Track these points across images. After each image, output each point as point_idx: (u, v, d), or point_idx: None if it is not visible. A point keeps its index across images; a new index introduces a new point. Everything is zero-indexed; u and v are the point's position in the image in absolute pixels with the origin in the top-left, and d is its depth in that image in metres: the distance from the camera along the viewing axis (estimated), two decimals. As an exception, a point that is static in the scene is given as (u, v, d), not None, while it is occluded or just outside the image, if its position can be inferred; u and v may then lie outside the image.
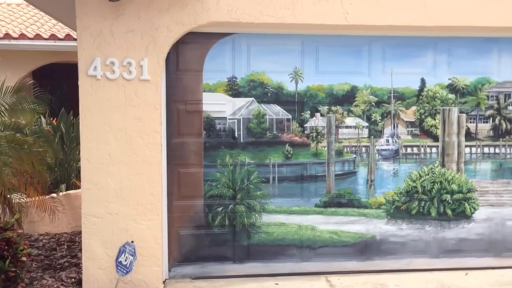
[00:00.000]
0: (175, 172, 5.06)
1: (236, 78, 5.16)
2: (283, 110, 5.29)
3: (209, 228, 5.16)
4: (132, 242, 4.64)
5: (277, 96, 5.25)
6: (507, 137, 5.53)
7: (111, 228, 4.75)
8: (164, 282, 4.97)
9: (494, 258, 5.45)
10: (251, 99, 5.22)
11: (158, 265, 4.82)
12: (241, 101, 5.22)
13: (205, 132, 5.14)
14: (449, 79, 5.41)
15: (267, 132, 5.27)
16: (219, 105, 5.16)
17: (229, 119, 5.22)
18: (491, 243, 5.46)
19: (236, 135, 5.23)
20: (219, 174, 5.17)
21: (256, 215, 5.22)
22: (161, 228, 4.85)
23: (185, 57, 5.00)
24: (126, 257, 4.54)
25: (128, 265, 4.53)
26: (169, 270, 5.08)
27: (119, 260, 4.53)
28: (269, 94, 5.24)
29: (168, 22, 4.72)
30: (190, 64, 5.03)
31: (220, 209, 5.16)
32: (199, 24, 4.75)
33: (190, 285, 4.96)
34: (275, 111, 5.29)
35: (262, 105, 5.24)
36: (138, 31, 4.68)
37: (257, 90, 5.22)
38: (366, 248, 5.36)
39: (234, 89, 5.17)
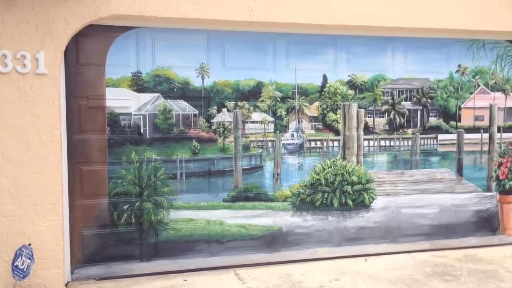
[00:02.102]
0: (77, 170, 4.86)
1: (141, 73, 5.05)
2: (190, 106, 5.27)
3: (115, 227, 5.03)
4: (30, 244, 4.40)
5: (184, 92, 5.22)
6: (400, 130, 5.93)
7: (6, 231, 4.47)
8: (66, 284, 4.77)
9: (390, 244, 5.83)
10: (156, 94, 5.14)
11: (59, 268, 4.62)
12: (146, 97, 5.12)
13: (109, 129, 4.99)
14: (348, 75, 5.69)
15: (174, 128, 5.23)
16: (123, 101, 5.03)
17: (134, 115, 5.11)
18: (387, 230, 5.83)
19: (142, 131, 5.13)
20: (124, 171, 5.04)
21: (164, 211, 5.17)
22: (62, 229, 4.65)
23: (85, 50, 4.81)
24: (23, 260, 4.29)
25: (25, 269, 4.29)
26: (72, 272, 4.88)
27: (15, 264, 4.27)
28: (175, 90, 5.19)
29: (66, 13, 4.51)
30: (91, 58, 4.85)
31: (126, 207, 5.04)
32: (99, 16, 4.59)
33: (94, 286, 4.80)
34: (181, 107, 5.25)
35: (169, 100, 5.19)
36: (32, 22, 4.43)
37: (163, 85, 5.15)
38: (273, 240, 5.50)
39: (139, 84, 5.06)
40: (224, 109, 5.38)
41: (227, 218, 5.37)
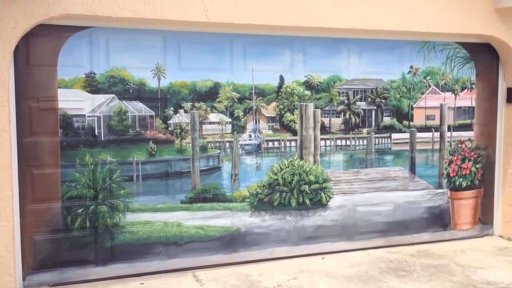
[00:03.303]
0: (28, 174, 4.72)
1: (94, 74, 4.95)
2: (146, 107, 5.21)
3: (69, 231, 4.91)
4: (-22, 252, 4.25)
5: (139, 93, 5.15)
6: (356, 130, 6.06)
7: (-48, 239, 4.30)
8: (18, 292, 4.64)
9: (347, 241, 5.94)
10: (111, 95, 5.05)
11: (10, 275, 4.47)
12: (101, 98, 5.02)
13: (61, 131, 4.86)
14: (305, 76, 5.75)
15: (130, 129, 5.15)
16: (76, 102, 4.91)
17: (89, 116, 5.00)
18: (344, 228, 5.94)
19: (96, 133, 5.03)
20: (78, 174, 4.93)
21: (120, 214, 5.09)
22: (12, 235, 4.50)
23: (36, 51, 4.67)
24: (-29, 269, 4.14)
25: (-27, 278, 4.13)
26: (24, 279, 4.73)
27: (-38, 273, 4.11)
28: (131, 91, 5.11)
29: (15, 13, 4.36)
30: (42, 59, 4.71)
31: (80, 210, 4.93)
32: (50, 16, 4.47)
33: (48, 293, 4.69)
34: (137, 108, 5.18)
35: (124, 101, 5.10)
36: (-22, 21, 4.27)
37: (118, 86, 5.06)
38: (231, 241, 5.51)
39: (92, 85, 4.96)
40: (181, 110, 5.34)
41: (185, 220, 5.34)
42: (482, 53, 6.34)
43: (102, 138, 5.05)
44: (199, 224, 5.39)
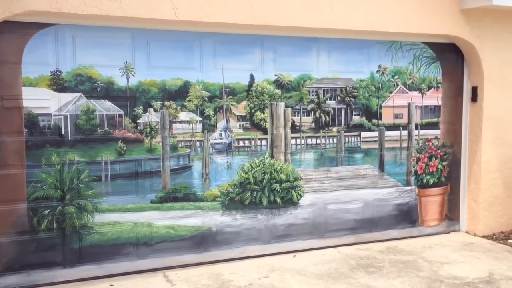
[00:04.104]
0: (-8, 175, 4.60)
1: (61, 72, 4.85)
2: (115, 106, 5.13)
3: (35, 233, 4.79)
4: None
5: (108, 91, 5.07)
6: (326, 128, 6.11)
7: None
8: (-19, 296, 4.51)
9: (318, 239, 5.98)
10: (78, 94, 4.96)
11: (-27, 279, 4.35)
12: (67, 97, 4.92)
13: (26, 130, 4.75)
14: (275, 75, 5.77)
15: (98, 129, 5.07)
16: (42, 101, 4.80)
17: (55, 115, 4.89)
18: (315, 226, 5.99)
19: (63, 133, 4.93)
20: (44, 174, 4.82)
21: (88, 215, 5.00)
22: (-25, 238, 4.38)
23: (-1, 48, 4.56)
24: None
25: None
26: (-12, 283, 4.61)
27: None
28: (98, 89, 5.03)
29: (-23, 8, 4.24)
30: (5, 56, 4.58)
31: (47, 211, 4.82)
32: (14, 12, 4.35)
33: (13, 297, 4.57)
34: (105, 107, 5.10)
35: (92, 100, 5.02)
36: None
37: (85, 84, 4.97)
38: (203, 240, 5.48)
39: (59, 84, 4.86)
40: (151, 109, 5.28)
41: (156, 220, 5.28)
42: (448, 53, 6.49)
43: (69, 138, 4.95)
44: (169, 224, 5.35)
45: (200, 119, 5.54)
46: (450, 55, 6.51)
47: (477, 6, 5.90)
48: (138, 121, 5.23)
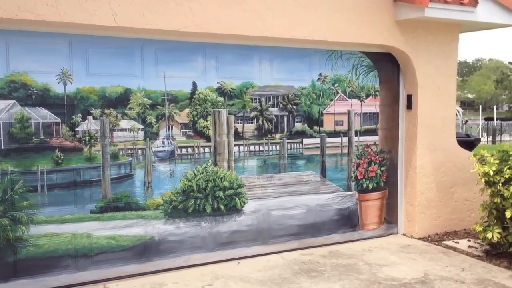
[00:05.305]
0: None
1: (-7, 78, 4.66)
2: (51, 114, 4.98)
3: (-36, 248, 4.57)
4: None
5: (44, 99, 4.91)
6: (269, 136, 6.18)
7: None
8: None
9: (262, 245, 6.03)
10: (12, 101, 4.77)
11: None
12: (0, 104, 4.73)
13: (-45, 139, 4.52)
14: (218, 82, 5.79)
15: (33, 137, 4.89)
16: (-28, 109, 4.59)
17: (-14, 124, 4.69)
18: (259, 232, 6.03)
19: (-5, 142, 4.73)
20: (-25, 185, 4.60)
21: (23, 227, 4.80)
22: None
23: None
24: None
25: None
26: None
27: None
28: (33, 97, 4.86)
29: None
30: None
31: (-23, 225, 4.60)
32: None
33: None
34: (41, 115, 4.94)
35: (26, 108, 4.84)
36: None
37: (19, 92, 4.79)
38: (145, 250, 5.39)
39: (-9, 91, 4.66)
40: (90, 117, 5.16)
41: (95, 230, 5.15)
42: (385, 62, 6.75)
43: (2, 147, 4.75)
44: (110, 234, 5.23)
45: (141, 127, 5.46)
46: (387, 64, 6.77)
47: (411, 18, 6.18)
48: (76, 129, 5.09)
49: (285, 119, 6.31)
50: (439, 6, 6.01)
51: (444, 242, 6.55)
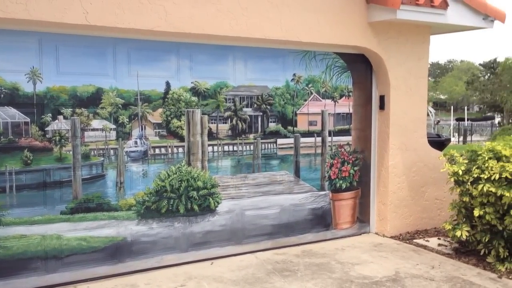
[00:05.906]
0: None
1: (-41, 76, 4.54)
2: (20, 113, 4.88)
3: None
4: None
5: (12, 98, 4.81)
6: (243, 136, 6.18)
7: None
8: None
9: (235, 245, 6.03)
10: (-21, 100, 4.66)
11: None
12: (-34, 103, 4.62)
13: None
14: (191, 82, 5.76)
15: (1, 137, 4.79)
16: None
17: (-48, 123, 4.57)
18: (232, 232, 6.03)
19: (-39, 141, 4.61)
20: None
21: (-9, 229, 4.70)
22: None
23: None
24: None
25: None
26: None
27: None
28: (2, 96, 4.76)
29: None
30: None
31: None
32: None
33: None
34: (10, 114, 4.83)
35: (-6, 107, 4.74)
36: None
37: (-13, 90, 4.69)
38: (117, 251, 5.34)
39: (-43, 89, 4.54)
40: (60, 117, 5.07)
41: (66, 232, 5.07)
42: (358, 63, 6.83)
43: (-31, 147, 4.64)
44: (81, 236, 5.15)
45: (114, 126, 5.40)
46: (360, 65, 6.85)
47: (383, 20, 6.27)
48: (46, 129, 5.00)
49: (259, 119, 6.32)
50: (411, 8, 6.11)
51: (415, 240, 6.67)
